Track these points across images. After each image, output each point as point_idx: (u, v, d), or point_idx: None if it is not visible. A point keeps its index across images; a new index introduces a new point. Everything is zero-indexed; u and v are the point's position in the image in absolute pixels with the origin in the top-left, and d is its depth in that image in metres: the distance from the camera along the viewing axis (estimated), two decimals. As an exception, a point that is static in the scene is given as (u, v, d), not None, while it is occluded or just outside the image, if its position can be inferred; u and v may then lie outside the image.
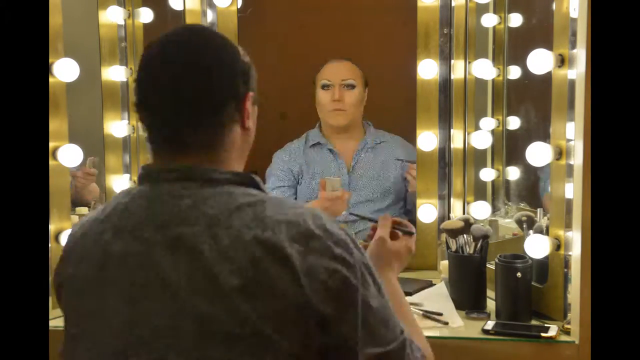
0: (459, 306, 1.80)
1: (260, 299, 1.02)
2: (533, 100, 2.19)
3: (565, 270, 1.66)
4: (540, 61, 1.66)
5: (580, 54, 1.55)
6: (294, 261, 1.03)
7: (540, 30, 2.07)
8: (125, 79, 2.31)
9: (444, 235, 1.94)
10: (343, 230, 1.11)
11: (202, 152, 1.13)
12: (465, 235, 1.85)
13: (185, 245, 1.05)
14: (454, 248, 1.87)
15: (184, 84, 1.11)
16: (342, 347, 1.07)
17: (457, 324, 1.72)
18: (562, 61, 1.62)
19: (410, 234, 1.45)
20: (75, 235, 1.17)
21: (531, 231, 1.85)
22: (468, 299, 1.83)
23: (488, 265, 1.95)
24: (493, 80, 2.31)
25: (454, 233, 1.86)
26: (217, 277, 1.03)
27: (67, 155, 1.79)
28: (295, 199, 2.58)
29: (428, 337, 1.25)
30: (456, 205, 2.12)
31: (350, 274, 1.06)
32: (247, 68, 1.17)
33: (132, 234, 1.09)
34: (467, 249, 1.85)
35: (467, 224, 1.87)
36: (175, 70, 1.12)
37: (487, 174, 2.30)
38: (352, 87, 2.53)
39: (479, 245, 1.83)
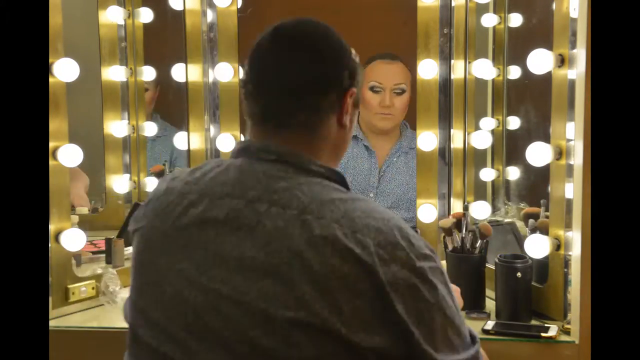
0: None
1: (336, 295, 1.03)
2: (533, 100, 2.19)
3: (565, 270, 1.66)
4: (540, 61, 1.65)
5: (580, 54, 1.55)
6: (378, 269, 1.04)
7: (540, 30, 2.07)
8: (125, 79, 2.31)
9: (442, 235, 1.94)
10: (423, 241, 1.12)
11: (299, 134, 1.16)
12: (460, 231, 1.85)
13: (276, 226, 1.06)
14: (450, 247, 1.86)
15: (291, 62, 1.15)
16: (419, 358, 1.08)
17: None
18: (562, 61, 1.62)
19: None
20: (159, 191, 1.20)
21: (528, 230, 1.85)
22: (467, 299, 1.82)
23: (488, 265, 1.95)
24: (493, 80, 2.31)
25: (448, 231, 1.86)
26: (301, 262, 1.04)
27: (67, 155, 1.79)
28: None
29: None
30: (456, 205, 2.12)
31: (427, 292, 1.07)
32: (356, 66, 1.22)
33: (219, 201, 1.11)
34: (467, 244, 1.84)
35: (459, 221, 1.86)
36: (286, 49, 1.17)
37: (487, 174, 2.30)
38: (403, 92, 2.48)
39: (477, 244, 1.83)
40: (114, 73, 2.28)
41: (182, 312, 1.08)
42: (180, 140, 2.25)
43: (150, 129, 2.38)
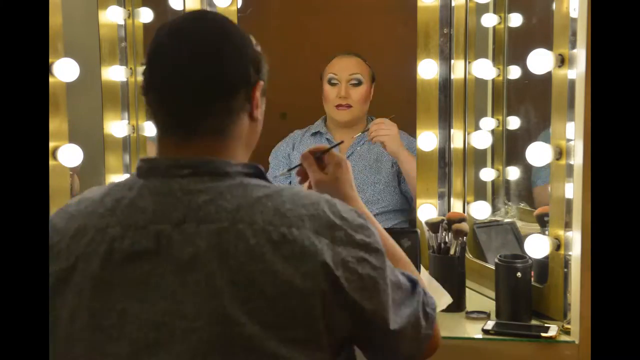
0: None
1: (293, 297, 1.02)
2: (533, 100, 2.19)
3: (565, 270, 1.66)
4: (540, 61, 1.66)
5: (580, 54, 1.55)
6: (325, 256, 1.03)
7: (540, 30, 2.07)
8: (125, 79, 2.31)
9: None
10: (354, 212, 1.11)
11: (210, 138, 1.12)
12: (445, 231, 1.85)
13: (209, 244, 1.03)
14: (435, 244, 1.86)
15: (195, 66, 1.10)
16: (376, 331, 1.09)
17: (446, 301, 1.74)
18: (562, 61, 1.62)
19: (328, 150, 1.42)
20: (66, 228, 1.11)
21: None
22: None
23: (488, 265, 1.96)
24: (493, 80, 2.31)
25: (434, 227, 1.86)
26: (245, 275, 1.01)
27: (67, 155, 1.79)
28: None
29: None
30: (456, 205, 2.12)
31: (374, 259, 1.08)
32: (259, 57, 1.17)
33: (144, 230, 1.05)
34: (448, 246, 1.84)
35: (450, 221, 1.86)
36: (187, 53, 1.10)
37: (487, 174, 2.30)
38: (359, 83, 2.54)
39: (458, 244, 1.83)
40: (114, 73, 2.28)
41: (133, 351, 1.03)
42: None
43: (150, 128, 2.38)
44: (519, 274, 1.71)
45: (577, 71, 1.57)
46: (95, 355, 1.06)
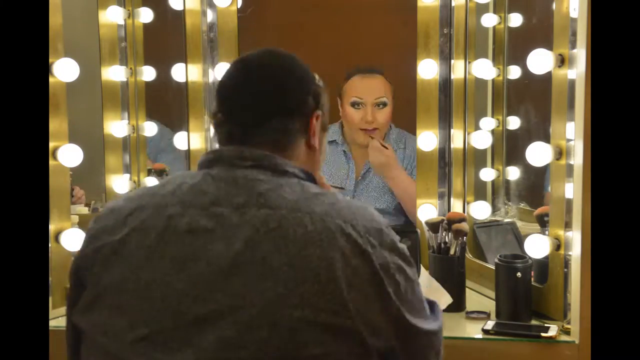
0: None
1: (339, 288, 1.06)
2: (533, 100, 2.19)
3: (565, 270, 1.66)
4: (540, 61, 1.66)
5: (580, 54, 1.55)
6: (372, 257, 1.09)
7: (540, 30, 2.07)
8: (125, 79, 2.31)
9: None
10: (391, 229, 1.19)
11: (270, 147, 1.18)
12: (445, 231, 1.85)
13: (268, 227, 1.07)
14: (435, 244, 1.86)
15: (260, 92, 1.19)
16: (404, 345, 1.14)
17: (446, 301, 1.75)
18: (562, 61, 1.62)
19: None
20: (122, 208, 1.16)
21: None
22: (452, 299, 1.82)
23: (488, 265, 1.96)
24: (493, 80, 2.31)
25: (434, 227, 1.86)
26: (300, 259, 1.05)
27: (67, 155, 1.79)
28: None
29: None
30: (456, 205, 2.12)
31: (409, 270, 1.15)
32: (319, 91, 1.26)
33: (204, 210, 1.10)
34: (448, 246, 1.84)
35: (450, 221, 1.86)
36: (253, 81, 1.21)
37: (487, 174, 2.30)
38: (385, 105, 2.48)
39: (458, 244, 1.83)
40: (114, 73, 2.28)
41: (176, 323, 1.06)
42: (180, 140, 2.25)
43: (150, 129, 2.38)
44: (519, 274, 1.71)
45: (577, 71, 1.57)
46: (140, 326, 1.08)
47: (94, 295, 1.13)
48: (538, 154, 1.67)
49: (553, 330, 1.63)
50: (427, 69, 2.11)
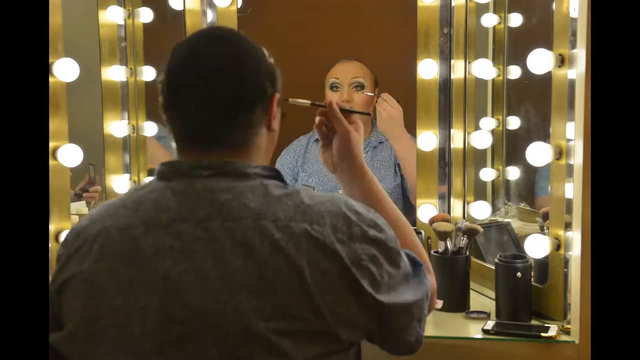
0: (444, 308, 1.79)
1: (312, 294, 1.05)
2: (533, 100, 2.19)
3: (565, 270, 1.66)
4: (540, 61, 1.65)
5: (580, 54, 1.55)
6: (342, 254, 1.07)
7: (540, 30, 2.06)
8: (125, 79, 2.31)
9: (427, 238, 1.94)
10: (365, 207, 1.16)
11: (231, 150, 1.15)
12: (453, 237, 1.85)
13: (234, 240, 1.06)
14: (441, 249, 1.86)
15: (215, 85, 1.13)
16: (383, 326, 1.14)
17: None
18: (562, 61, 1.62)
19: (357, 112, 1.48)
20: (88, 231, 1.14)
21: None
22: (454, 300, 1.82)
23: (488, 265, 1.95)
24: (493, 80, 2.31)
25: (444, 235, 1.85)
26: (270, 270, 1.04)
27: (67, 155, 1.79)
28: None
29: (427, 337, 1.25)
30: (456, 205, 2.12)
31: (384, 254, 1.12)
32: (273, 69, 1.21)
33: (167, 229, 1.08)
34: (460, 246, 1.84)
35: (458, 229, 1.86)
36: (205, 72, 1.13)
37: (487, 174, 2.30)
38: (362, 86, 2.54)
39: (470, 244, 1.83)
40: (114, 73, 2.28)
41: (158, 347, 1.05)
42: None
43: (150, 129, 2.38)
44: (519, 274, 1.71)
45: (577, 71, 1.57)
46: (120, 353, 1.07)
47: (72, 328, 1.12)
48: (538, 154, 1.66)
49: (553, 330, 1.63)
50: (427, 69, 2.11)
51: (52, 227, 1.74)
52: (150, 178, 2.37)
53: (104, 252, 1.10)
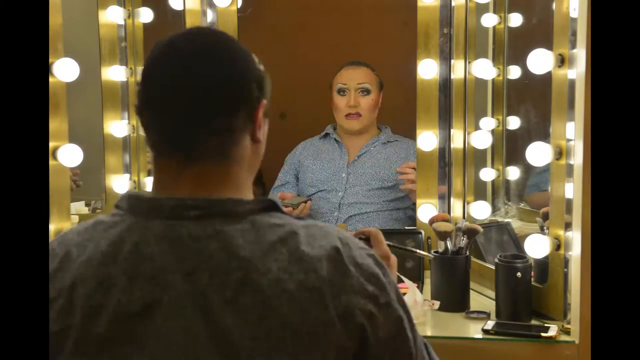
0: (444, 308, 1.79)
1: (312, 349, 0.98)
2: (533, 100, 2.19)
3: (565, 270, 1.66)
4: (540, 61, 1.66)
5: (580, 54, 1.55)
6: (328, 302, 0.99)
7: (540, 30, 2.07)
8: (125, 79, 2.31)
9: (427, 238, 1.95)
10: (372, 258, 1.06)
11: (211, 163, 1.05)
12: (453, 237, 1.85)
13: (224, 297, 0.98)
14: (441, 249, 1.86)
15: (191, 83, 1.03)
16: None
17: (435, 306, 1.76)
18: (562, 61, 1.62)
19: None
20: (60, 284, 1.06)
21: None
22: (454, 300, 1.82)
23: (488, 265, 1.96)
24: (493, 80, 2.31)
25: (444, 235, 1.85)
26: (265, 330, 0.97)
27: (67, 155, 1.79)
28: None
29: (427, 337, 1.25)
30: (456, 205, 2.12)
31: (383, 316, 1.02)
32: (262, 75, 1.10)
33: (152, 281, 0.99)
34: (460, 246, 1.84)
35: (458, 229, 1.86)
36: (183, 69, 1.04)
37: (487, 174, 2.30)
38: (368, 92, 2.58)
39: (470, 243, 1.83)
40: (114, 73, 2.28)
41: None
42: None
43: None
44: (519, 274, 1.71)
45: (577, 71, 1.57)
46: None
47: None
48: (538, 154, 1.67)
49: (553, 330, 1.63)
50: (427, 69, 2.11)
51: (52, 227, 1.74)
52: (151, 178, 2.38)
53: (84, 305, 1.02)
